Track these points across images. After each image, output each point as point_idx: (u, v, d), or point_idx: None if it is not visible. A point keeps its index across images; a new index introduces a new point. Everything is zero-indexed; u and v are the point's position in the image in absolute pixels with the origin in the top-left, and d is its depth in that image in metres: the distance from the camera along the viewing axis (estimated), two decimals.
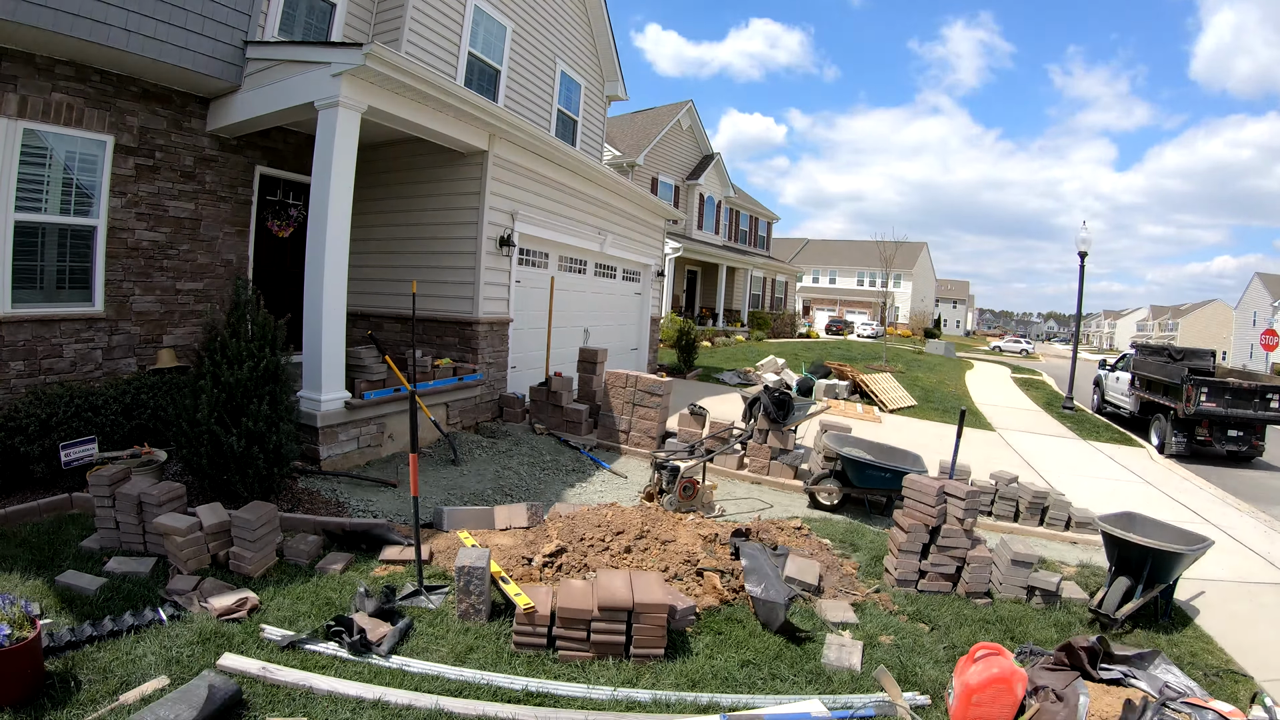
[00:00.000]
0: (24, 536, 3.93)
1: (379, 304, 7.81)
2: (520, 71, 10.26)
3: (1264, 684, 3.52)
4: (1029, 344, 49.12)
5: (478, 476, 5.83)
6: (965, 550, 4.21)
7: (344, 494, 5.04)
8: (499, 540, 4.34)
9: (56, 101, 5.32)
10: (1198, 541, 4.23)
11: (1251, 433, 10.49)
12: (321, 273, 5.32)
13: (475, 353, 7.22)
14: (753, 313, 28.01)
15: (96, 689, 2.62)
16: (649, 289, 12.26)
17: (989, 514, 6.04)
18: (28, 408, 4.55)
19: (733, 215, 29.03)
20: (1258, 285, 46.21)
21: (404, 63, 5.40)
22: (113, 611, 3.17)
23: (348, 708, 2.65)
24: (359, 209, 5.98)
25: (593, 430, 7.60)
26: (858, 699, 3.00)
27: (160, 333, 6.29)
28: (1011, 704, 2.85)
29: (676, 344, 14.77)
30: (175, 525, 3.60)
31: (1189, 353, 11.87)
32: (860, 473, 5.75)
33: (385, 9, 7.90)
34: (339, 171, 5.34)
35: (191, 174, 6.39)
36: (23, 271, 5.27)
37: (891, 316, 51.46)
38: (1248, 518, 7.14)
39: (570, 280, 9.42)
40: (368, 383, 5.82)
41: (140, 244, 6.04)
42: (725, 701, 2.90)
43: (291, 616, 3.30)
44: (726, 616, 3.65)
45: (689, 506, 5.27)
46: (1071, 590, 4.33)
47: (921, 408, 12.92)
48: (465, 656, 3.09)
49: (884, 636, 3.59)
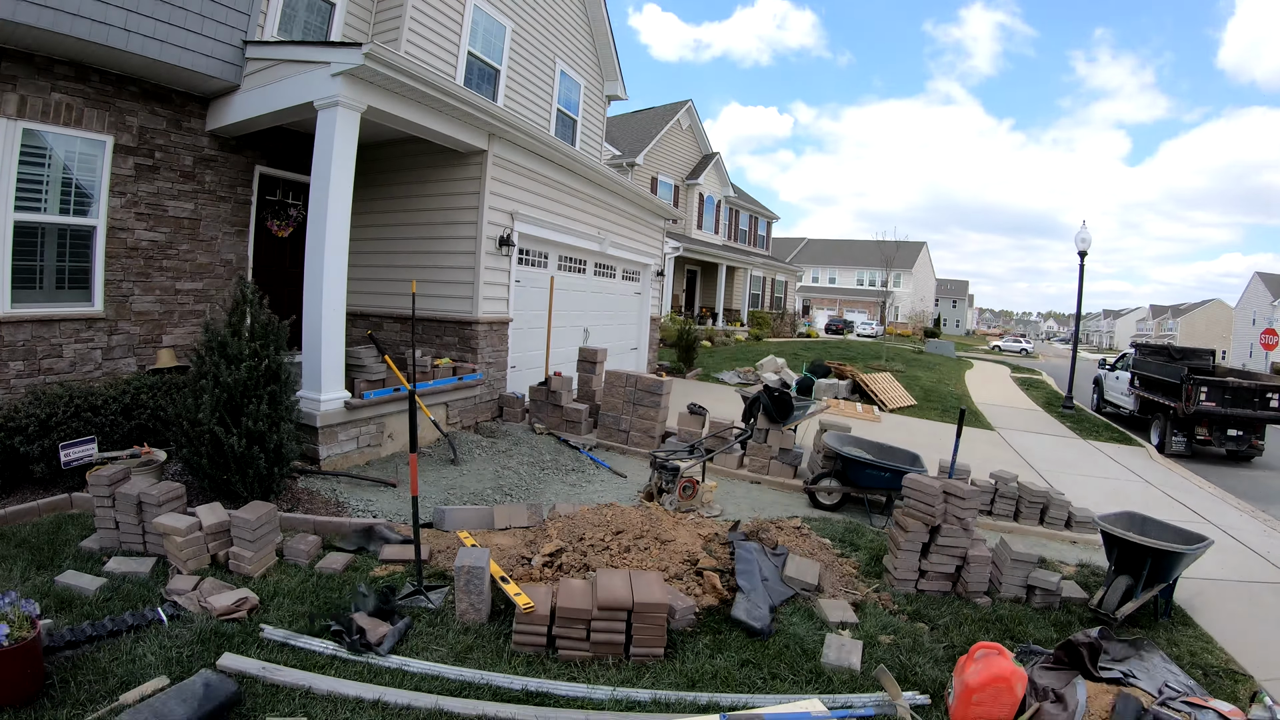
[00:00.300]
0: (24, 536, 3.93)
1: (379, 304, 7.81)
2: (520, 71, 10.26)
3: (1264, 683, 3.53)
4: (1029, 343, 49.13)
5: (477, 476, 5.82)
6: (965, 550, 4.21)
7: (344, 494, 5.04)
8: (499, 540, 4.34)
9: (56, 101, 5.32)
10: (1197, 541, 4.23)
11: (1251, 432, 10.50)
12: (321, 272, 5.32)
13: (475, 352, 7.21)
14: (752, 312, 28.00)
15: (96, 689, 2.62)
16: (649, 288, 12.25)
17: (989, 513, 6.04)
18: (27, 408, 4.55)
19: (732, 214, 29.02)
20: (1257, 284, 46.22)
21: (403, 63, 5.39)
22: (112, 611, 3.17)
23: (347, 707, 2.65)
24: (359, 209, 5.98)
25: (592, 430, 7.60)
26: (857, 698, 3.00)
27: (160, 333, 6.29)
28: (1011, 703, 2.85)
29: (676, 343, 14.77)
30: (175, 525, 3.60)
31: (1189, 352, 11.89)
32: (860, 472, 5.75)
33: (385, 9, 7.89)
34: (338, 171, 5.34)
35: (191, 174, 6.39)
36: (22, 271, 5.27)
37: (891, 316, 51.45)
38: (1247, 517, 7.14)
39: (570, 280, 9.42)
40: (367, 382, 5.82)
41: (140, 244, 6.04)
42: (725, 701, 2.90)
43: (291, 616, 3.29)
44: (727, 616, 3.65)
45: (689, 506, 5.27)
46: (1071, 590, 4.33)
47: (921, 407, 12.92)
48: (465, 656, 3.09)
49: (884, 636, 3.59)
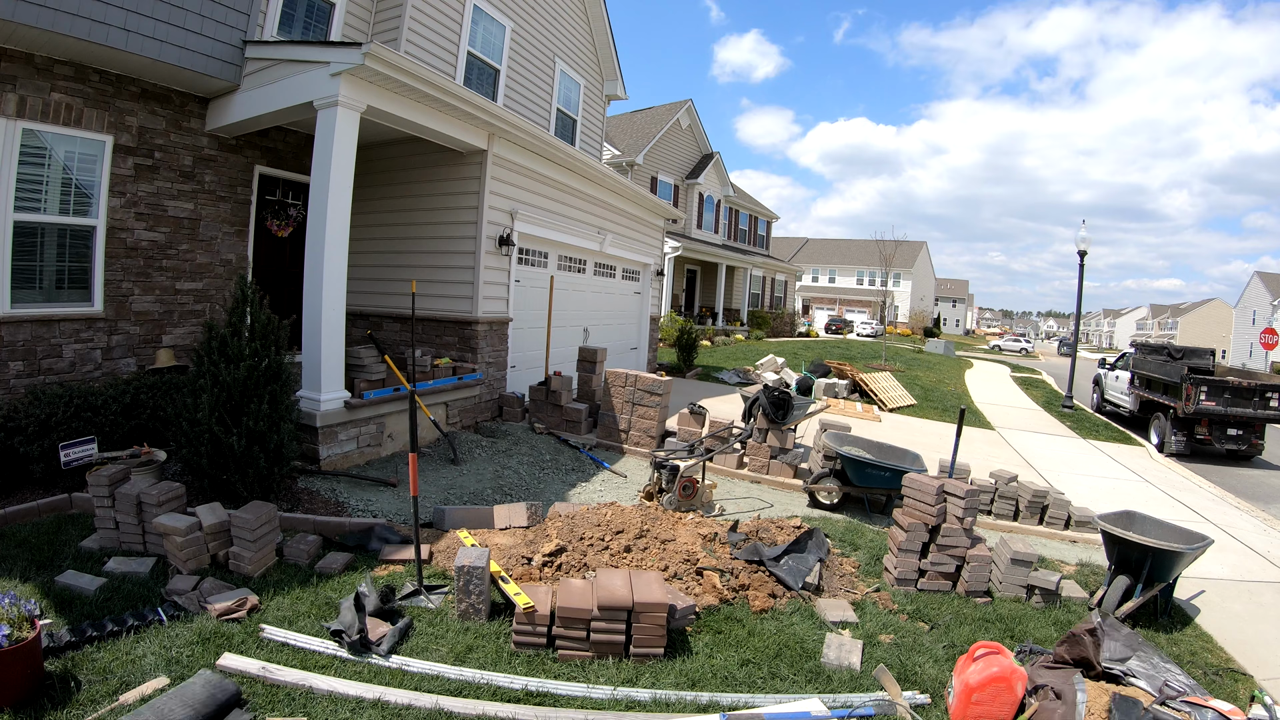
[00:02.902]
0: (24, 536, 3.93)
1: (378, 303, 7.81)
2: (519, 71, 10.25)
3: (1264, 682, 3.53)
4: (1029, 343, 49.16)
5: (477, 476, 5.82)
6: (965, 549, 4.21)
7: (344, 494, 5.04)
8: (498, 540, 4.34)
9: (55, 101, 5.31)
10: (1197, 540, 4.23)
11: (1251, 431, 10.50)
12: (321, 272, 5.32)
13: (475, 352, 7.21)
14: (752, 312, 28.00)
15: (96, 689, 2.62)
16: (648, 288, 12.25)
17: (988, 513, 6.04)
18: (27, 408, 4.55)
19: (732, 214, 29.01)
20: (1257, 284, 46.20)
21: (403, 62, 5.39)
22: (112, 611, 3.17)
23: (347, 707, 2.65)
24: (358, 208, 5.97)
25: (592, 429, 7.60)
26: (857, 698, 3.00)
27: (159, 332, 6.29)
28: (1011, 702, 2.85)
29: (676, 343, 14.77)
30: (175, 525, 3.60)
31: (1188, 351, 11.87)
32: (860, 472, 5.75)
33: (384, 8, 7.89)
34: (338, 171, 5.33)
35: (190, 174, 6.39)
36: (22, 271, 5.27)
37: (891, 315, 51.45)
38: (1247, 516, 7.14)
39: (570, 279, 9.42)
40: (367, 382, 5.81)
41: (139, 244, 6.03)
42: (725, 700, 2.90)
43: (291, 616, 3.30)
44: (726, 615, 3.65)
45: (688, 506, 5.27)
46: (1071, 589, 4.34)
47: (921, 407, 12.92)
48: (465, 656, 3.09)
49: (884, 635, 3.59)
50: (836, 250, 64.63)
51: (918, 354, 25.15)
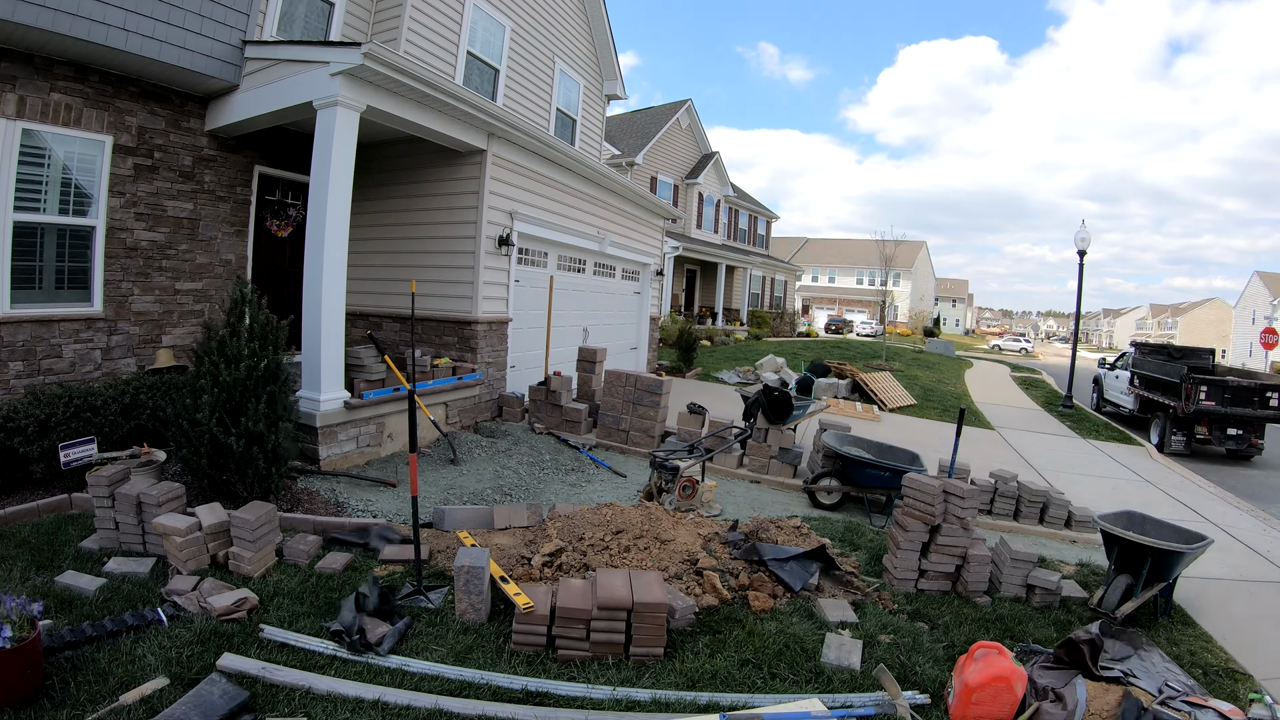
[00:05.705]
0: (23, 537, 3.93)
1: (378, 303, 7.81)
2: (519, 71, 10.25)
3: (1264, 682, 3.53)
4: (1028, 342, 49.22)
5: (477, 476, 5.82)
6: (965, 549, 4.21)
7: (343, 494, 5.04)
8: (498, 540, 4.34)
9: (55, 101, 5.31)
10: (1197, 540, 4.23)
11: (1251, 431, 10.50)
12: (320, 272, 5.32)
13: (474, 352, 7.21)
14: (752, 312, 28.00)
15: (96, 689, 2.62)
16: (648, 288, 12.25)
17: (988, 513, 6.04)
18: (27, 408, 4.54)
19: (732, 214, 29.02)
20: (1257, 283, 46.20)
21: (402, 62, 5.39)
22: (112, 612, 3.17)
23: (347, 707, 2.64)
24: (358, 209, 5.97)
25: (592, 429, 7.60)
26: (857, 698, 2.99)
27: (159, 333, 6.29)
28: (1011, 702, 2.85)
29: (676, 343, 14.77)
30: (174, 525, 3.60)
31: (1188, 351, 11.89)
32: (860, 471, 5.75)
33: (384, 8, 7.89)
34: (338, 171, 5.34)
35: (190, 174, 6.39)
36: (22, 272, 5.27)
37: (891, 315, 51.45)
38: (1247, 516, 7.14)
39: (569, 279, 9.42)
40: (367, 382, 5.81)
41: (139, 244, 6.03)
42: (725, 701, 2.90)
43: (291, 616, 3.29)
44: (726, 616, 3.64)
45: (688, 505, 5.27)
46: (1071, 589, 4.33)
47: (921, 406, 12.92)
48: (465, 656, 3.09)
49: (884, 635, 3.59)
50: (836, 250, 64.66)
51: (917, 354, 25.15)
